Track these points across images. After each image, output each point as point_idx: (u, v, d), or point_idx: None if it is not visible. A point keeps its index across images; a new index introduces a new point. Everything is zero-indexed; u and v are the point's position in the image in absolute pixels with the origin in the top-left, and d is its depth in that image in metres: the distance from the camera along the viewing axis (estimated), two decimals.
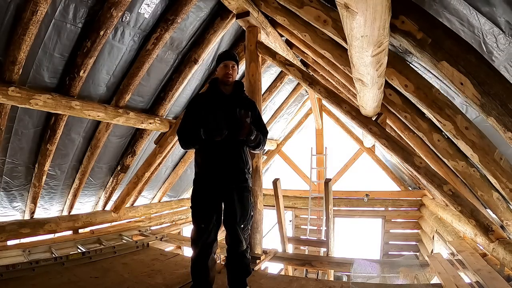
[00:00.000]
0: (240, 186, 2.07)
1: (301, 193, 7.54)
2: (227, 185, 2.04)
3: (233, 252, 2.11)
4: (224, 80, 2.09)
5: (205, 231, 2.02)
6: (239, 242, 2.06)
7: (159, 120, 4.23)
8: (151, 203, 5.73)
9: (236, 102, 2.09)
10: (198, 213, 2.06)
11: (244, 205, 2.06)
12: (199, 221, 2.04)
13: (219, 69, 2.12)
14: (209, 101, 2.08)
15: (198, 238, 2.04)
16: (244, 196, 2.08)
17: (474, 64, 1.59)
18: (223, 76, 2.09)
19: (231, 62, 2.08)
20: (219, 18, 3.75)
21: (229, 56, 2.12)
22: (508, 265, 2.35)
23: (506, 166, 2.21)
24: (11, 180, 3.47)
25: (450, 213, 4.05)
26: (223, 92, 2.11)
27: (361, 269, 3.40)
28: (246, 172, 2.11)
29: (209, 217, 2.02)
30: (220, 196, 2.06)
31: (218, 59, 2.14)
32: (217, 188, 2.04)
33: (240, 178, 2.08)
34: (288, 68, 3.46)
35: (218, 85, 2.12)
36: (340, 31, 2.36)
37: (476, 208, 2.58)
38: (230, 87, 2.13)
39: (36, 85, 2.98)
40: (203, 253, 2.05)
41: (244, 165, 2.09)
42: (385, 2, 1.32)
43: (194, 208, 2.08)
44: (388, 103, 3.00)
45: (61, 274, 2.71)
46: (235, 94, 2.14)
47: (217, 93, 2.11)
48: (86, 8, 2.83)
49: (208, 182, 2.06)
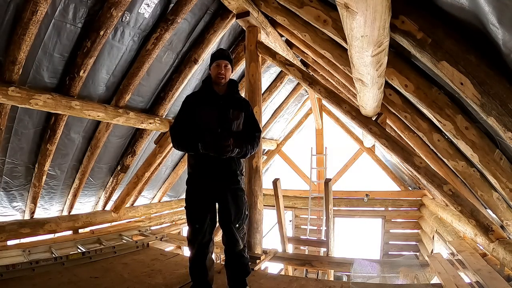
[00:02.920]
0: (233, 187, 2.06)
1: (301, 193, 7.54)
2: (220, 186, 2.03)
3: (230, 252, 2.11)
4: (217, 80, 2.03)
5: (199, 232, 2.02)
6: (235, 242, 2.06)
7: (159, 120, 4.23)
8: (151, 203, 5.73)
9: (229, 102, 2.05)
10: (192, 214, 2.06)
11: (238, 205, 2.05)
12: (194, 222, 2.04)
13: (212, 68, 2.05)
14: (203, 102, 2.04)
15: (193, 238, 2.04)
16: (238, 196, 2.06)
17: (474, 64, 1.59)
18: (215, 76, 2.03)
19: (224, 61, 2.01)
20: (219, 18, 3.75)
21: (221, 55, 2.04)
22: (508, 265, 2.35)
23: (506, 166, 2.21)
24: (11, 180, 3.47)
25: (450, 213, 4.05)
26: (216, 92, 2.07)
27: (361, 269, 3.40)
28: (238, 174, 2.09)
29: (203, 218, 2.02)
30: (213, 196, 2.06)
31: (211, 58, 2.08)
32: (210, 189, 2.03)
33: (232, 180, 2.06)
34: (288, 68, 3.46)
35: (212, 85, 2.08)
36: (340, 31, 2.37)
37: (476, 208, 2.57)
38: (224, 86, 2.08)
39: (36, 85, 2.98)
40: (200, 253, 2.05)
41: (237, 167, 2.07)
42: (385, 2, 1.32)
43: (188, 209, 2.08)
44: (388, 103, 3.00)
45: (61, 274, 2.70)
46: (228, 94, 2.10)
47: (210, 93, 2.07)
48: (86, 8, 2.83)
49: (201, 183, 2.05)
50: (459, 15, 1.55)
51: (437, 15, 1.68)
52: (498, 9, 1.26)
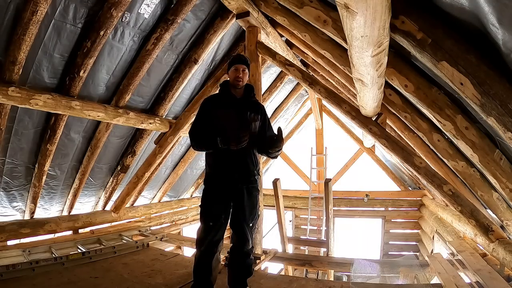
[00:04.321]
0: (250, 186, 2.13)
1: (301, 193, 7.54)
2: (237, 185, 2.09)
3: (238, 251, 2.14)
4: (235, 83, 2.13)
5: (212, 229, 2.05)
6: (246, 241, 2.11)
7: (159, 120, 4.23)
8: (151, 203, 5.73)
9: (246, 105, 2.15)
10: (207, 212, 2.10)
11: (253, 204, 2.13)
12: (208, 219, 2.07)
13: (230, 72, 2.17)
14: (221, 104, 2.13)
15: (205, 236, 2.07)
16: (253, 195, 2.14)
17: (474, 64, 1.59)
18: (233, 79, 2.13)
19: (241, 66, 2.12)
20: (219, 18, 3.75)
21: (240, 60, 2.15)
22: (508, 265, 2.35)
23: (506, 166, 2.21)
24: (11, 180, 3.46)
25: (450, 213, 4.05)
26: (234, 95, 2.16)
27: (361, 269, 3.40)
28: (255, 173, 2.17)
29: (218, 216, 2.06)
30: (230, 196, 2.11)
31: (230, 62, 2.19)
32: (227, 188, 2.09)
33: (250, 179, 2.13)
34: (288, 68, 3.46)
35: (229, 88, 2.18)
36: (340, 31, 2.37)
37: (476, 208, 2.57)
38: (241, 90, 2.17)
39: (36, 85, 2.98)
40: (209, 251, 2.08)
41: (254, 167, 2.15)
42: (385, 2, 1.32)
43: (204, 207, 2.13)
44: (388, 103, 3.00)
45: (61, 274, 2.70)
46: (245, 97, 2.19)
47: (228, 96, 2.16)
48: (86, 8, 2.83)
49: (219, 182, 2.11)
50: (459, 15, 1.55)
51: (437, 16, 1.68)
52: (498, 9, 1.26)
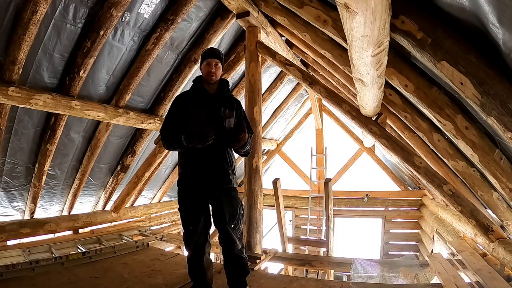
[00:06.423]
0: (226, 187, 2.04)
1: (301, 193, 7.53)
2: (212, 186, 2.01)
3: (228, 253, 2.06)
4: (207, 78, 2.03)
5: (194, 233, 2.00)
6: (232, 242, 2.02)
7: (159, 120, 4.23)
8: (151, 203, 5.73)
9: (220, 101, 2.05)
10: (185, 216, 2.04)
11: (232, 205, 2.02)
12: (187, 224, 2.02)
13: (202, 67, 2.05)
14: (193, 100, 2.04)
15: (189, 240, 2.03)
16: (231, 196, 2.04)
17: (474, 64, 1.59)
18: (206, 74, 2.03)
19: (214, 60, 2.01)
20: (219, 18, 3.75)
21: (212, 54, 2.04)
22: (508, 265, 2.34)
23: (506, 166, 2.21)
24: (11, 180, 3.47)
25: (450, 213, 4.04)
26: (208, 90, 2.07)
27: (361, 269, 3.40)
28: (230, 173, 2.07)
29: (196, 219, 2.00)
30: (206, 197, 2.03)
31: (202, 57, 2.09)
32: (201, 189, 2.00)
33: (225, 179, 2.04)
34: (288, 68, 3.46)
35: (202, 84, 2.09)
36: (340, 31, 2.37)
37: (476, 208, 2.57)
38: (214, 85, 2.07)
39: (36, 85, 2.98)
40: (196, 254, 2.04)
41: (229, 166, 2.05)
42: (385, 2, 1.32)
43: (181, 210, 2.06)
44: (388, 103, 3.00)
45: (61, 274, 2.70)
46: (219, 93, 2.10)
47: (201, 91, 2.07)
48: (86, 8, 2.83)
49: (192, 183, 2.02)
50: (459, 15, 1.55)
51: (437, 15, 1.68)
52: (498, 9, 1.26)
